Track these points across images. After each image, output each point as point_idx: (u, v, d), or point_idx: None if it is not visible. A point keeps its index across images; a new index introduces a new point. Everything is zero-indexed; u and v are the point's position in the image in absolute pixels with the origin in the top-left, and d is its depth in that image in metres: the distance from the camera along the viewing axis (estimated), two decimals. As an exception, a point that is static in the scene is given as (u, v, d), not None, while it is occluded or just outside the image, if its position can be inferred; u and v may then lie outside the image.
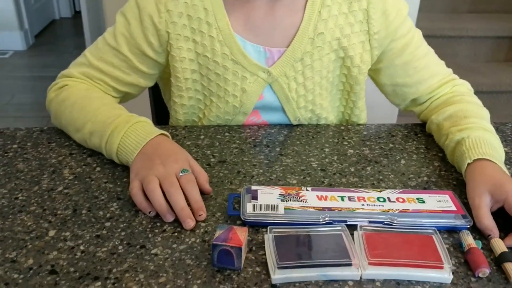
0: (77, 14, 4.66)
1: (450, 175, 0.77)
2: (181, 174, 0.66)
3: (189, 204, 0.64)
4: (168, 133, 0.75)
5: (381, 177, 0.75)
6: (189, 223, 0.62)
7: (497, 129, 0.82)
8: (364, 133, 0.90)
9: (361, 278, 0.56)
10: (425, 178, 0.76)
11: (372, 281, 0.56)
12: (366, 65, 0.87)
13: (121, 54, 0.83)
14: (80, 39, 3.95)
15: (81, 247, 0.59)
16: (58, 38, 4.18)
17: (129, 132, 0.72)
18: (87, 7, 2.82)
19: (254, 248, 0.60)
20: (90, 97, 0.81)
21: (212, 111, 0.88)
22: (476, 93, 3.08)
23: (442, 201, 0.67)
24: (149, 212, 0.64)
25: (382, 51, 0.87)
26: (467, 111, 0.82)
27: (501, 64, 2.81)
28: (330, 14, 0.82)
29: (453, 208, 0.66)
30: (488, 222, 0.63)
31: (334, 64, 0.86)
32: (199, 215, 0.63)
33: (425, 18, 2.66)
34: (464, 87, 0.91)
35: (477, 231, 0.64)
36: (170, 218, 0.63)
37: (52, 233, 0.61)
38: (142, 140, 0.71)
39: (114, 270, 0.55)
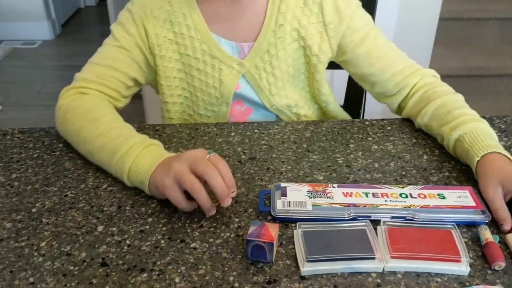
0: (101, 2, 4.73)
1: (471, 169, 0.80)
2: (208, 155, 0.68)
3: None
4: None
5: (403, 173, 0.79)
6: (228, 200, 0.65)
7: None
8: (388, 128, 0.93)
9: (383, 270, 0.60)
10: (447, 174, 0.80)
11: (394, 273, 0.60)
12: (325, 54, 0.95)
13: (124, 49, 0.90)
14: (104, 27, 4.01)
15: (127, 241, 0.65)
16: (83, 27, 4.26)
17: (144, 153, 0.73)
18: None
19: (284, 243, 0.65)
20: (102, 111, 0.84)
21: (199, 105, 0.98)
22: (503, 75, 3.04)
23: (462, 197, 0.71)
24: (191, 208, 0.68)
25: (343, 42, 0.95)
26: (447, 104, 0.88)
27: (529, 46, 2.78)
28: (288, 7, 0.91)
29: (472, 203, 0.70)
30: (502, 213, 0.67)
31: (298, 53, 0.95)
32: (232, 192, 0.66)
33: (451, 0, 2.64)
34: (431, 78, 0.96)
35: (495, 226, 0.68)
36: (213, 211, 0.67)
37: (100, 228, 0.67)
38: (156, 160, 0.71)
39: (158, 262, 0.61)
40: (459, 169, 0.81)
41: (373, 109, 1.34)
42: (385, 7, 1.99)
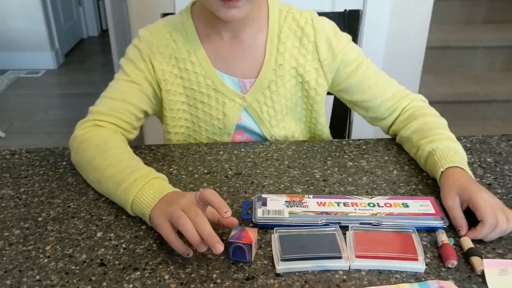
0: (103, 32, 4.89)
1: (435, 183, 0.88)
2: (198, 194, 0.72)
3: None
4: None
5: (374, 186, 0.88)
6: (219, 247, 0.65)
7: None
8: (363, 147, 1.02)
9: (349, 268, 0.68)
10: (413, 186, 0.88)
11: (359, 271, 0.68)
12: (322, 87, 1.04)
13: (135, 83, 0.97)
14: (107, 57, 4.14)
15: (123, 245, 0.73)
16: (86, 57, 4.40)
17: (147, 186, 0.77)
18: (114, 26, 3.00)
19: (263, 246, 0.73)
20: (114, 143, 0.89)
21: (202, 135, 1.05)
22: (491, 101, 3.15)
23: (423, 206, 0.79)
24: (187, 254, 0.69)
25: (337, 75, 1.04)
26: (430, 124, 0.97)
27: (517, 73, 2.88)
28: (286, 48, 1.00)
29: (433, 211, 0.78)
30: (459, 220, 0.76)
31: (295, 88, 1.04)
32: (225, 212, 0.68)
33: (439, 30, 2.76)
34: (420, 102, 1.05)
35: (452, 231, 0.76)
36: (203, 248, 0.67)
37: (99, 234, 0.75)
38: (158, 194, 0.75)
39: (150, 262, 0.69)
40: (425, 183, 0.89)
41: (359, 133, 1.42)
42: (373, 36, 2.11)
